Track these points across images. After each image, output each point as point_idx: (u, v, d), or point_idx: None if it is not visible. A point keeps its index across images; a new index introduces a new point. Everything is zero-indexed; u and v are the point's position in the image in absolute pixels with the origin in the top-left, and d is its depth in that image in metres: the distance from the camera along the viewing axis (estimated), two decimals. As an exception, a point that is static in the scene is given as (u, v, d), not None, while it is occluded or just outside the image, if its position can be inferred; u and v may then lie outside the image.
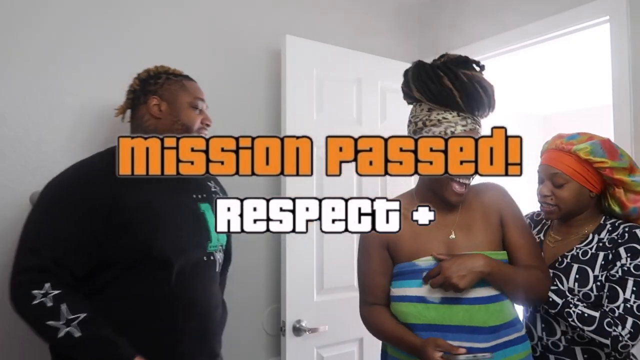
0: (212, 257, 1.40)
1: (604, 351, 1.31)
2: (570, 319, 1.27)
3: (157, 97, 1.41)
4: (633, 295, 1.24)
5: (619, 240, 1.30)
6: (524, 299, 1.32)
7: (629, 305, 1.23)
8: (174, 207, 1.35)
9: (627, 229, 1.31)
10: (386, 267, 1.34)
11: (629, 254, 1.27)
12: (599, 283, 1.30)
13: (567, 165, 1.35)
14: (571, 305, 1.28)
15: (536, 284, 1.28)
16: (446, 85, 1.21)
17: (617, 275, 1.27)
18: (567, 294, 1.32)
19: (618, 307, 1.24)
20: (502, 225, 1.33)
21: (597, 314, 1.25)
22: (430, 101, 1.25)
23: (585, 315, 1.25)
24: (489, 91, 1.24)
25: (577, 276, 1.34)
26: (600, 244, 1.34)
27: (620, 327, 1.22)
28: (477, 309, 1.23)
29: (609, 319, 1.23)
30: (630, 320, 1.22)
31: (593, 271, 1.32)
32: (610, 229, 1.35)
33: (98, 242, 1.24)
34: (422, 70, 1.26)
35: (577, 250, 1.37)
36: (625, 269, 1.26)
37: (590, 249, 1.35)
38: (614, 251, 1.30)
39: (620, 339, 1.22)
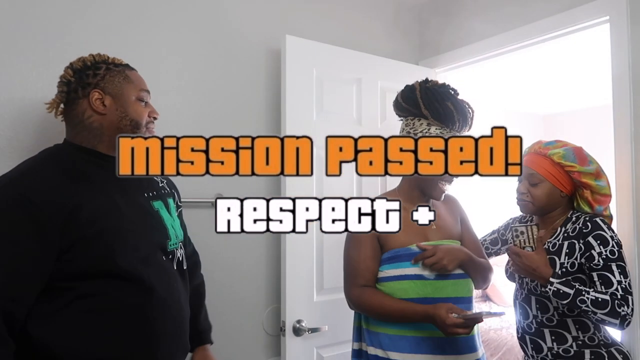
0: (170, 256, 1.36)
1: (571, 334, 1.48)
2: (584, 305, 1.37)
3: (99, 91, 1.27)
4: (621, 276, 1.39)
5: (584, 230, 1.47)
6: (482, 280, 1.59)
7: (623, 286, 1.38)
8: (131, 211, 1.28)
9: (587, 219, 1.49)
10: (377, 253, 1.53)
11: (598, 241, 1.43)
12: (564, 269, 1.47)
13: (542, 167, 1.55)
14: (583, 293, 1.37)
15: (488, 271, 1.60)
16: (449, 107, 1.47)
17: (601, 264, 1.41)
18: (573, 283, 1.41)
19: (617, 290, 1.38)
20: (460, 224, 1.65)
21: (608, 297, 1.36)
22: (434, 118, 1.48)
23: (599, 299, 1.36)
24: (472, 114, 1.55)
25: None
26: (566, 235, 1.52)
27: (625, 307, 1.36)
28: (461, 282, 1.50)
29: (617, 300, 1.37)
30: (630, 299, 1.37)
31: (560, 259, 1.49)
32: (573, 220, 1.54)
33: (52, 261, 1.15)
34: (429, 92, 1.50)
35: (548, 244, 1.54)
36: (604, 256, 1.41)
37: (558, 240, 1.52)
38: (582, 241, 1.46)
39: (627, 317, 1.36)
